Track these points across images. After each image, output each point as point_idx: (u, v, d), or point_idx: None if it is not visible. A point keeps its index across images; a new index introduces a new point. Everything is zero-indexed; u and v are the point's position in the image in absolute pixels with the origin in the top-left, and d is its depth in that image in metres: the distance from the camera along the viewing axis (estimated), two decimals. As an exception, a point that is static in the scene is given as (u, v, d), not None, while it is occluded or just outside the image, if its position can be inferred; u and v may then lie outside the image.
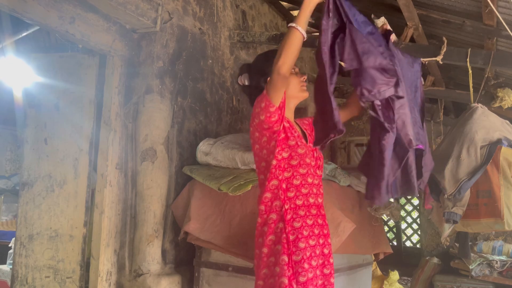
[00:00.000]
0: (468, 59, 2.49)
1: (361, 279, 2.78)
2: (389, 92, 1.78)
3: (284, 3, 4.14)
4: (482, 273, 3.99)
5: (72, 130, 2.75)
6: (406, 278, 5.31)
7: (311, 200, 1.85)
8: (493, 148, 2.38)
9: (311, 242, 1.78)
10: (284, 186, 1.80)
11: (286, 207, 1.78)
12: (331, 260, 1.87)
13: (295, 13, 4.35)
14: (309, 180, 1.85)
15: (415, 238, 6.81)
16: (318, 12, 1.79)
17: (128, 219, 2.57)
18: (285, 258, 1.72)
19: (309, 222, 1.81)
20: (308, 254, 1.75)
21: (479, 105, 2.62)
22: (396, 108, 1.98)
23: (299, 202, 1.80)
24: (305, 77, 1.95)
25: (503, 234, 4.43)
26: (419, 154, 2.13)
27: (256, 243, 1.84)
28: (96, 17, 2.40)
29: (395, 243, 6.60)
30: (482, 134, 2.43)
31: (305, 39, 1.71)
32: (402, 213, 6.82)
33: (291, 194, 1.80)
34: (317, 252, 1.80)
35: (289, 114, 1.92)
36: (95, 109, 2.73)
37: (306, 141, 1.92)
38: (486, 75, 2.72)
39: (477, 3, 2.45)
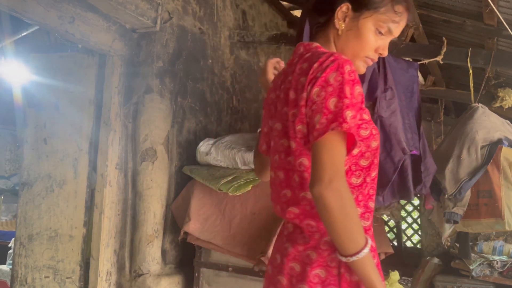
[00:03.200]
0: (468, 59, 2.48)
1: (362, 279, 2.78)
2: None
3: (285, 3, 4.13)
4: (483, 273, 3.97)
5: (72, 130, 2.75)
6: (407, 278, 5.30)
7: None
8: (493, 148, 2.38)
9: None
10: (359, 197, 1.13)
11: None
12: None
13: (295, 12, 4.34)
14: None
15: (415, 238, 6.79)
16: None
17: (128, 219, 2.57)
18: None
19: None
20: None
21: (480, 105, 2.62)
22: (387, 116, 1.97)
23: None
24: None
25: (503, 234, 4.42)
26: (416, 158, 2.12)
27: (283, 268, 1.12)
28: (96, 16, 2.39)
29: (395, 243, 6.59)
30: (483, 134, 2.43)
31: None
32: (403, 213, 6.80)
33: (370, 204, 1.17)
34: None
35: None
36: (94, 109, 2.72)
37: None
38: (486, 75, 2.72)
39: (477, 3, 2.45)
